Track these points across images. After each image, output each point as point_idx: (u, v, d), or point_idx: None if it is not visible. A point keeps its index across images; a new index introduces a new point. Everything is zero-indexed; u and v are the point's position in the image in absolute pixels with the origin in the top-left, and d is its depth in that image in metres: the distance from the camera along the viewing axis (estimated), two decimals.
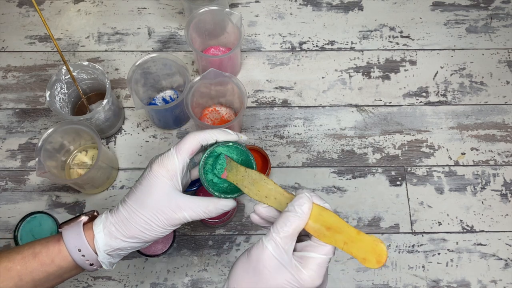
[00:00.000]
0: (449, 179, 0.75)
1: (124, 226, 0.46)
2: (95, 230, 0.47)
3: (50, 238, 0.48)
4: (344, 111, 0.80)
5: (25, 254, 0.46)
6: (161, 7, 0.87)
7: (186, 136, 0.48)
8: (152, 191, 0.46)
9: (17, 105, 0.79)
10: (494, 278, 0.70)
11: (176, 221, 0.47)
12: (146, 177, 0.47)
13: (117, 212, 0.47)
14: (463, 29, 0.86)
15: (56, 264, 0.46)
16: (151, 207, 0.46)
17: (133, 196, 0.47)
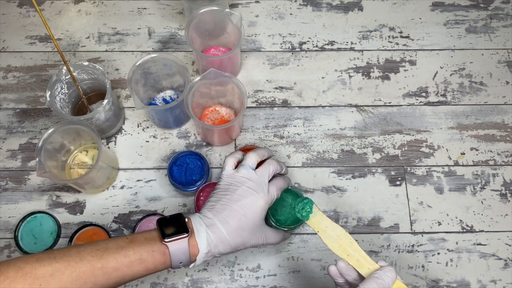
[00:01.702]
0: (449, 179, 0.75)
1: (223, 246, 0.54)
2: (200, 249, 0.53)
3: (155, 245, 0.51)
4: (344, 111, 0.80)
5: (133, 259, 0.50)
6: (161, 7, 0.87)
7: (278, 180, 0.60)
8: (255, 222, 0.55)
9: (18, 105, 0.79)
10: (494, 278, 0.70)
11: (259, 245, 0.58)
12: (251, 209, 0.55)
13: (219, 232, 0.53)
14: (462, 29, 0.86)
15: (157, 269, 0.52)
16: (249, 234, 0.55)
17: (235, 220, 0.54)
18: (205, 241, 0.53)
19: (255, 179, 0.57)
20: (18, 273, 0.45)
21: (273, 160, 0.60)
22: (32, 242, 0.69)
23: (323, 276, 0.69)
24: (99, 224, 0.70)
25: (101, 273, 0.48)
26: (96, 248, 0.50)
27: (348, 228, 0.72)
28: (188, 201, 0.73)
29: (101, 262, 0.48)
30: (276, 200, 0.61)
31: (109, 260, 0.49)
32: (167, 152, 0.76)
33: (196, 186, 0.69)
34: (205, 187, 0.70)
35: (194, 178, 0.70)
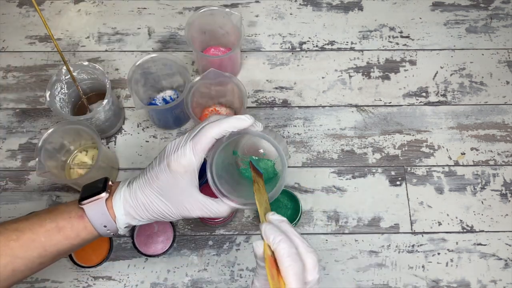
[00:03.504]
0: (449, 179, 0.75)
1: (141, 211, 0.49)
2: (116, 212, 0.49)
3: (72, 211, 0.49)
4: (344, 111, 0.80)
5: (48, 227, 0.47)
6: (161, 7, 0.87)
7: (202, 131, 0.47)
8: (170, 187, 0.48)
9: (17, 105, 0.79)
10: (494, 278, 0.70)
11: (188, 216, 0.50)
12: (163, 173, 0.48)
13: (136, 197, 0.49)
14: (463, 29, 0.86)
15: (81, 237, 0.49)
16: (169, 200, 0.49)
17: (150, 186, 0.48)
18: (120, 204, 0.49)
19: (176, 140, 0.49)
20: None
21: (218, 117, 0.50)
22: None
23: (323, 276, 0.69)
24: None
25: (18, 245, 0.46)
26: (13, 221, 0.48)
27: (348, 228, 0.72)
28: None
29: (16, 234, 0.46)
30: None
31: (25, 231, 0.46)
32: None
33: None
34: (204, 187, 0.69)
35: None
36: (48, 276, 0.69)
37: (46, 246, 0.47)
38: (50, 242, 0.47)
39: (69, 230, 0.48)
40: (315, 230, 0.72)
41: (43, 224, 0.48)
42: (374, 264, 0.70)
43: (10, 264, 0.46)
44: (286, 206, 0.69)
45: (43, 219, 0.48)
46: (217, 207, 0.50)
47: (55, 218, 0.48)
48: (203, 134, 0.47)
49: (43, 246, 0.47)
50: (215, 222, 0.67)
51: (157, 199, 0.49)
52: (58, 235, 0.48)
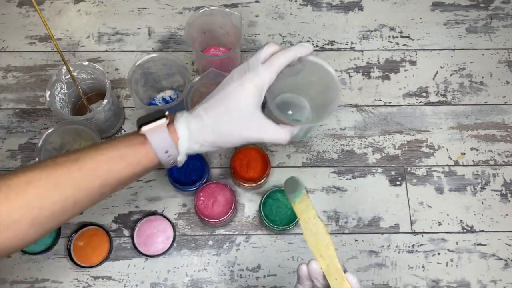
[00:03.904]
0: (449, 179, 0.75)
1: (206, 134, 0.49)
2: (180, 135, 0.48)
3: (133, 139, 0.48)
4: (344, 111, 0.80)
5: (111, 155, 0.46)
6: (161, 7, 0.87)
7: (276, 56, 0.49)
8: (240, 107, 0.48)
9: (17, 105, 0.79)
10: (494, 278, 0.70)
11: (249, 138, 0.50)
12: (235, 91, 0.48)
13: (201, 120, 0.49)
14: (463, 29, 0.86)
15: (142, 164, 0.47)
16: (235, 123, 0.49)
17: (218, 106, 0.49)
18: (184, 126, 0.48)
19: (246, 62, 0.50)
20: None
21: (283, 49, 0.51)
22: None
23: None
24: (99, 224, 0.70)
25: (80, 175, 0.45)
26: (72, 153, 0.46)
27: (348, 228, 0.72)
28: (188, 201, 0.73)
29: (78, 164, 0.45)
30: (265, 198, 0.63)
31: (86, 160, 0.45)
32: None
33: (196, 186, 0.69)
34: (205, 187, 0.70)
35: (194, 178, 0.70)
36: (48, 276, 0.69)
37: (108, 175, 0.46)
38: (112, 170, 0.46)
39: (131, 157, 0.47)
40: None
41: (104, 153, 0.46)
42: (374, 264, 0.70)
43: (72, 197, 0.45)
44: (286, 206, 0.69)
45: (104, 148, 0.47)
46: (279, 130, 0.50)
47: (116, 146, 0.47)
48: (277, 58, 0.49)
49: (105, 175, 0.46)
50: (215, 222, 0.67)
51: (225, 119, 0.48)
52: (120, 162, 0.46)
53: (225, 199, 0.69)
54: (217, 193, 0.69)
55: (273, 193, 0.69)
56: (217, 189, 0.70)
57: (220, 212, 0.68)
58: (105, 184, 0.46)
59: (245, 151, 0.71)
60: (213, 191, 0.69)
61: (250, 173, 0.70)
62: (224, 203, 0.69)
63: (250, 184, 0.69)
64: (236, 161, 0.71)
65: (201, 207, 0.68)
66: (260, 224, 0.72)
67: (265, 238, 0.71)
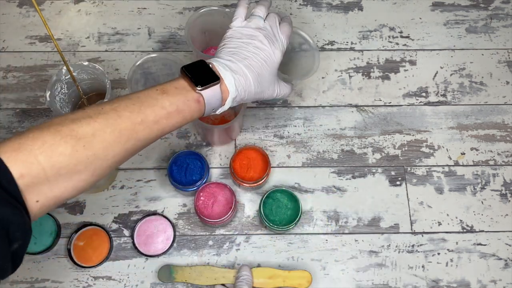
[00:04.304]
0: (449, 179, 0.75)
1: (245, 92, 0.55)
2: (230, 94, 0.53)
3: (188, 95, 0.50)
4: (344, 111, 0.80)
5: (169, 110, 0.49)
6: (161, 7, 0.87)
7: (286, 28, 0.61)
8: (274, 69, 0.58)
9: (18, 105, 0.79)
10: (494, 278, 0.70)
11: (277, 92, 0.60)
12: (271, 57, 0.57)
13: (246, 78, 0.54)
14: (463, 29, 0.86)
15: (193, 118, 0.52)
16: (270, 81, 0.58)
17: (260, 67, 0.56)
18: (233, 86, 0.53)
19: (269, 30, 0.58)
20: (57, 136, 0.41)
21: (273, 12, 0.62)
22: (32, 242, 0.69)
23: (323, 276, 0.69)
24: (99, 224, 0.70)
25: (142, 128, 0.47)
26: (131, 103, 0.47)
27: (348, 228, 0.72)
28: (188, 201, 0.73)
29: (140, 117, 0.47)
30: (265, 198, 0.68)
31: (148, 114, 0.47)
32: (167, 152, 0.76)
33: (196, 186, 0.69)
34: (205, 187, 0.70)
35: (194, 178, 0.70)
36: (48, 276, 0.69)
37: (166, 128, 0.49)
38: (170, 124, 0.49)
39: (187, 113, 0.50)
40: (315, 230, 0.72)
41: (164, 107, 0.48)
42: (374, 264, 0.70)
43: (132, 148, 0.47)
44: (286, 206, 0.69)
45: (162, 101, 0.49)
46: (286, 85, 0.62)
47: (175, 101, 0.49)
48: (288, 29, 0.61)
49: (164, 128, 0.49)
50: (215, 222, 0.67)
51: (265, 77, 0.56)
52: (177, 117, 0.49)
53: (225, 199, 0.69)
54: (217, 193, 0.69)
55: (273, 193, 0.69)
56: (217, 189, 0.70)
57: (220, 212, 0.68)
58: (161, 135, 0.50)
59: (245, 151, 0.71)
60: (213, 191, 0.69)
61: (250, 173, 0.70)
62: (224, 203, 0.69)
63: (250, 184, 0.69)
64: (236, 161, 0.71)
65: (201, 207, 0.68)
66: (260, 224, 0.72)
67: (265, 238, 0.71)
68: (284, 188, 0.70)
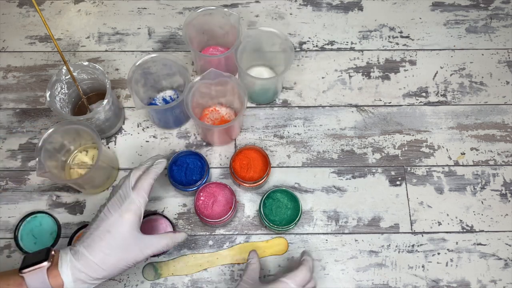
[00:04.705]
0: (449, 179, 0.75)
1: (93, 271, 0.51)
2: (64, 279, 0.50)
3: (10, 279, 0.50)
4: (344, 111, 0.80)
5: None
6: (161, 7, 0.87)
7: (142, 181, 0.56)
8: (123, 238, 0.52)
9: (18, 105, 0.79)
10: (494, 278, 0.70)
11: (142, 259, 0.54)
12: (115, 224, 0.53)
13: (84, 258, 0.51)
14: (463, 29, 0.86)
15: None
16: (122, 251, 0.52)
17: (100, 242, 0.52)
18: (68, 270, 0.50)
19: (118, 193, 0.55)
20: None
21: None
22: (32, 242, 0.69)
23: (323, 276, 0.69)
24: None
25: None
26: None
27: (348, 228, 0.72)
28: (188, 201, 0.73)
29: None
30: (265, 198, 0.68)
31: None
32: (167, 152, 0.76)
33: (196, 186, 0.69)
34: (205, 187, 0.70)
35: (194, 178, 0.70)
36: None
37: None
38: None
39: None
40: (315, 230, 0.72)
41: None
42: (374, 264, 0.70)
43: None
44: (286, 206, 0.69)
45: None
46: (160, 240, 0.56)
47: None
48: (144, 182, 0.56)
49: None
50: (215, 222, 0.67)
51: (111, 252, 0.52)
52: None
53: (225, 199, 0.69)
54: (217, 193, 0.69)
55: (272, 193, 0.69)
56: (217, 189, 0.70)
57: (220, 212, 0.68)
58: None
59: (245, 151, 0.71)
60: (213, 191, 0.69)
61: (250, 173, 0.70)
62: (224, 203, 0.69)
63: (250, 184, 0.69)
64: (236, 161, 0.71)
65: (201, 207, 0.68)
66: (260, 224, 0.72)
67: (265, 238, 0.71)
68: (284, 188, 0.70)
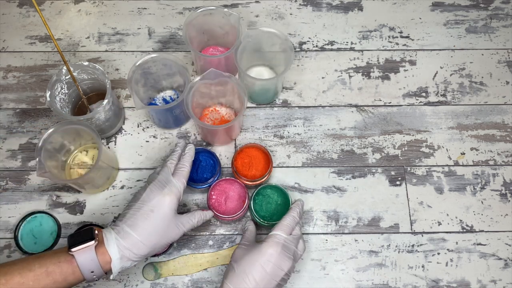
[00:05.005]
0: (449, 179, 0.75)
1: (137, 249, 0.55)
2: (112, 256, 0.53)
3: (61, 256, 0.52)
4: (344, 111, 0.80)
5: (38, 272, 0.50)
6: (161, 7, 0.87)
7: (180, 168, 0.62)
8: (164, 218, 0.57)
9: (18, 105, 0.79)
10: (494, 278, 0.70)
11: (179, 236, 0.60)
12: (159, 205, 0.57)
13: (130, 236, 0.55)
14: (462, 29, 0.86)
15: (68, 281, 0.52)
16: (163, 229, 0.57)
17: (144, 222, 0.56)
18: (115, 248, 0.53)
19: (158, 178, 0.60)
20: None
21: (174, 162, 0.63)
22: (32, 242, 0.69)
23: (323, 276, 0.69)
24: (99, 224, 0.70)
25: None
26: (2, 265, 0.50)
27: (348, 228, 0.72)
28: (188, 200, 0.73)
29: (5, 278, 0.48)
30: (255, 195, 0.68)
31: (14, 275, 0.49)
32: (167, 152, 0.76)
33: (207, 184, 0.69)
34: (215, 185, 0.69)
35: (205, 176, 0.70)
36: None
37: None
38: (38, 286, 0.50)
39: (58, 275, 0.51)
40: (315, 230, 0.72)
41: (32, 269, 0.50)
42: (374, 264, 0.70)
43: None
44: (276, 202, 0.68)
45: (32, 263, 0.50)
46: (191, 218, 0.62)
47: (45, 263, 0.51)
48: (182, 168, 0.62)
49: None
50: (231, 218, 0.67)
51: (154, 232, 0.56)
52: (46, 279, 0.50)
53: (237, 194, 0.69)
54: (228, 189, 0.69)
55: (262, 189, 0.69)
56: (227, 185, 0.70)
57: (234, 207, 0.68)
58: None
59: (246, 150, 0.71)
60: (224, 187, 0.69)
61: (252, 171, 0.70)
62: (237, 197, 0.69)
63: (253, 182, 0.69)
64: (237, 159, 0.71)
65: (215, 205, 0.68)
66: None
67: None
68: (274, 184, 0.70)
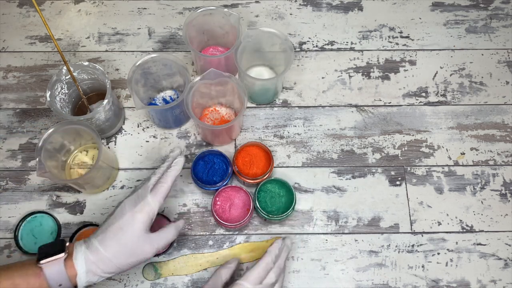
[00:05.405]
0: (449, 179, 0.76)
1: (104, 265, 0.53)
2: (78, 269, 0.52)
3: (29, 269, 0.51)
4: (344, 111, 0.80)
5: (4, 285, 0.49)
6: (161, 7, 0.87)
7: (160, 185, 0.58)
8: (133, 236, 0.54)
9: (18, 105, 0.79)
10: (494, 278, 0.70)
11: (152, 255, 0.56)
12: (129, 223, 0.54)
13: (97, 252, 0.53)
14: (462, 29, 0.86)
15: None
16: (132, 248, 0.54)
17: (113, 238, 0.54)
18: (82, 261, 0.53)
19: (136, 193, 0.57)
20: None
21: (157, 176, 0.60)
22: (32, 242, 0.69)
23: (323, 276, 0.69)
24: (99, 224, 0.70)
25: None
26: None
27: (348, 228, 0.72)
28: (188, 200, 0.73)
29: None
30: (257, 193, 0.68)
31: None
32: (167, 152, 0.76)
33: (216, 187, 0.69)
34: (220, 191, 0.69)
35: (214, 179, 0.70)
36: None
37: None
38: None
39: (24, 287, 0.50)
40: (315, 230, 0.72)
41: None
42: (374, 264, 0.70)
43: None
44: (279, 194, 0.69)
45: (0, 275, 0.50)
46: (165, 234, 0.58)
47: (12, 275, 0.50)
48: (161, 186, 0.58)
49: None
50: (234, 225, 0.67)
51: (122, 250, 0.54)
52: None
53: (242, 202, 0.69)
54: (233, 196, 0.69)
55: (263, 185, 0.69)
56: (232, 192, 0.70)
57: (238, 215, 0.68)
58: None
59: (246, 149, 0.71)
60: (229, 194, 0.70)
61: (253, 169, 0.71)
62: (241, 205, 0.69)
63: (254, 180, 0.69)
64: (238, 158, 0.71)
65: (219, 211, 0.69)
66: (260, 224, 0.72)
67: (265, 238, 0.71)
68: (273, 177, 0.70)
